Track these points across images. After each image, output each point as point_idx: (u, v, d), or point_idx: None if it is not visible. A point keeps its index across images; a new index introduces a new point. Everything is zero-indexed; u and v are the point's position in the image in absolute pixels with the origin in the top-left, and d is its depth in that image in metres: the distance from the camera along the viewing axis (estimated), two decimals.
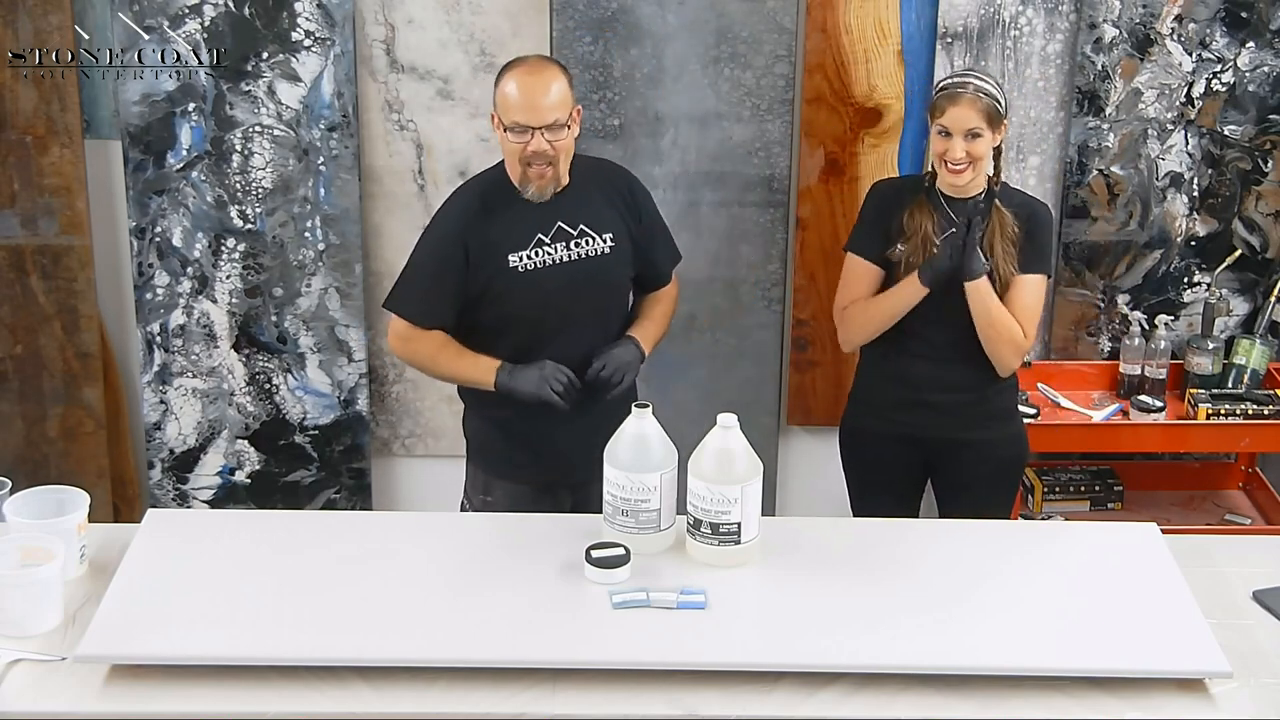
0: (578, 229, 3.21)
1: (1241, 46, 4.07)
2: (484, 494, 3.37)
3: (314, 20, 3.99)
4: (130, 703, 2.44)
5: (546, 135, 3.07)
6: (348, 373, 4.25)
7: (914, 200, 3.38)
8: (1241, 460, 4.44)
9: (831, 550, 2.87)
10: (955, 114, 3.26)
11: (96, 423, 4.24)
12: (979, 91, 3.27)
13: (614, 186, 3.29)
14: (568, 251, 3.20)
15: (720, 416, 2.77)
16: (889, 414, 3.46)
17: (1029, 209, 3.41)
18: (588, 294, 3.23)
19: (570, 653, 2.53)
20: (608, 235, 3.24)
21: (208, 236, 4.13)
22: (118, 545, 2.83)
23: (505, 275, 3.18)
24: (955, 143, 3.27)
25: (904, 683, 2.51)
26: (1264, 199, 4.21)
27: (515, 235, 3.18)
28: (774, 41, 4.06)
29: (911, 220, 3.36)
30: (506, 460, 3.33)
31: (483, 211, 3.19)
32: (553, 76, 3.09)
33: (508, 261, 3.17)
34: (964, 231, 3.26)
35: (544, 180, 3.13)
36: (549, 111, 3.06)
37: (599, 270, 3.23)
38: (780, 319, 4.27)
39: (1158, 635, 2.61)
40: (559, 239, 3.19)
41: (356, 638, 2.54)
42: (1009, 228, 3.34)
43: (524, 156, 3.10)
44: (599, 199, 3.25)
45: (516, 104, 3.07)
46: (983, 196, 3.35)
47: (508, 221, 3.18)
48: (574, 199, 3.21)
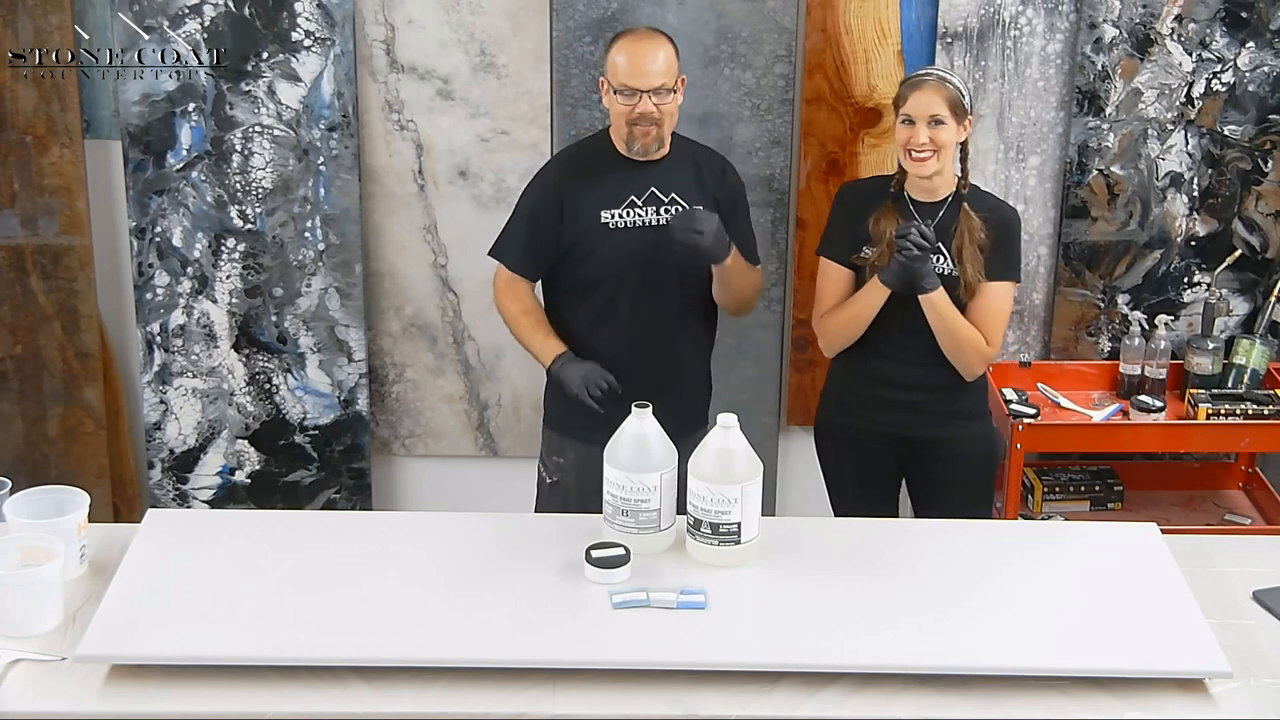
0: (669, 196, 3.36)
1: (1241, 46, 4.08)
2: (557, 455, 3.51)
3: (314, 20, 3.99)
4: (130, 703, 2.44)
5: (653, 99, 3.25)
6: (348, 373, 4.25)
7: (881, 204, 3.39)
8: (1241, 460, 4.44)
9: (831, 550, 2.87)
10: (918, 100, 3.28)
11: (96, 423, 4.24)
12: (942, 80, 3.30)
13: (709, 167, 3.45)
14: (657, 215, 3.35)
15: (720, 416, 2.77)
16: (859, 412, 3.47)
17: (998, 214, 3.41)
18: (676, 258, 3.32)
19: (570, 653, 2.53)
20: (699, 206, 3.34)
21: (208, 236, 4.13)
22: (118, 545, 2.83)
23: (596, 230, 3.33)
24: (919, 129, 3.28)
25: (904, 683, 2.51)
26: (1264, 199, 4.21)
27: (609, 193, 3.34)
28: (774, 41, 4.06)
29: (878, 225, 3.37)
30: (578, 422, 3.41)
31: (582, 168, 3.37)
32: (661, 45, 3.28)
33: (599, 217, 3.33)
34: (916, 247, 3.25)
35: (649, 138, 3.30)
36: (656, 76, 3.25)
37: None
38: (780, 319, 4.27)
39: (1158, 635, 2.61)
40: (651, 203, 3.35)
41: (356, 638, 2.54)
42: (977, 232, 3.34)
43: (631, 117, 3.27)
44: (693, 173, 3.40)
45: (626, 69, 3.25)
46: (950, 199, 3.36)
47: (604, 180, 3.34)
48: (670, 167, 3.37)
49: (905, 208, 3.38)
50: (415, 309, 4.25)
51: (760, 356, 4.29)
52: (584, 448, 3.41)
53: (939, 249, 3.32)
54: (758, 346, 4.28)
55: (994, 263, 3.37)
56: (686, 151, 3.43)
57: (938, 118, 3.27)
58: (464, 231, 4.16)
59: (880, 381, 3.42)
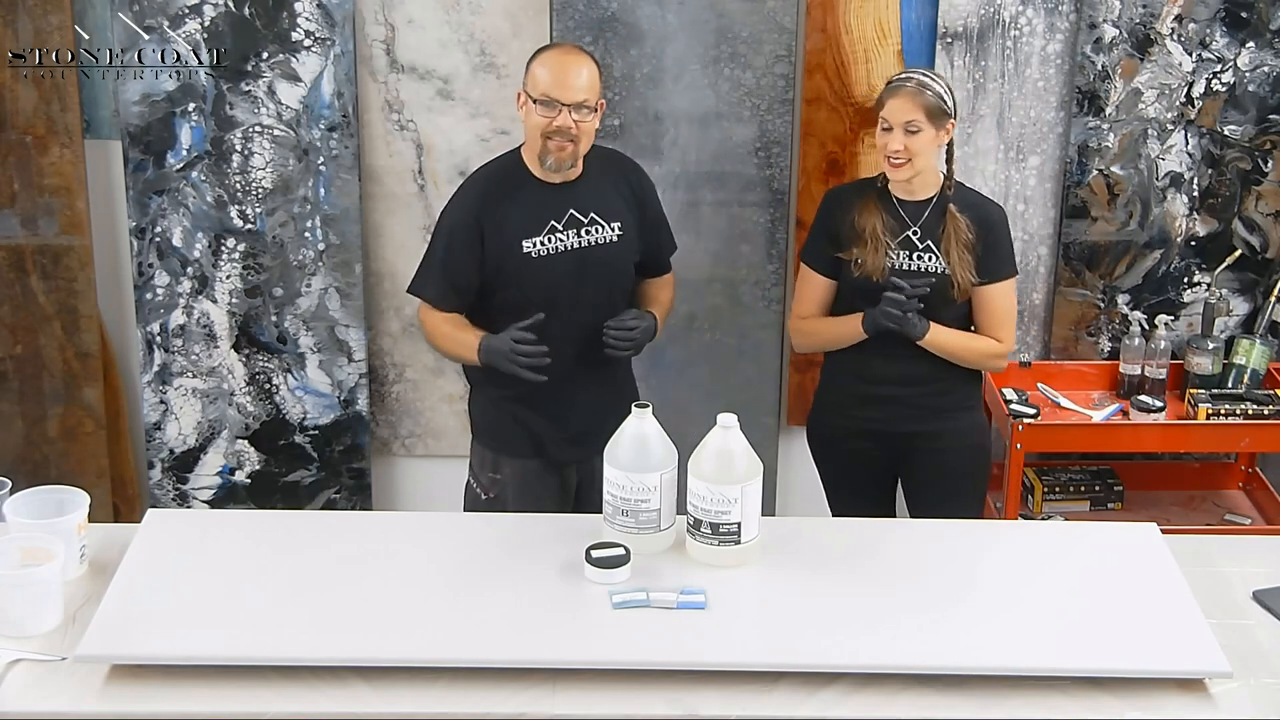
0: (588, 216, 3.30)
1: (1241, 46, 4.07)
2: (492, 471, 3.42)
3: (314, 20, 3.99)
4: (130, 703, 2.44)
5: (573, 114, 3.18)
6: (348, 373, 4.25)
7: (864, 201, 3.39)
8: (1241, 460, 4.44)
9: (831, 550, 2.87)
10: (894, 106, 3.28)
11: (96, 423, 4.24)
12: (922, 86, 3.28)
13: (623, 176, 3.39)
14: (578, 238, 3.29)
15: (720, 416, 2.77)
16: (851, 410, 3.48)
17: (982, 213, 3.40)
18: (596, 279, 3.31)
19: (570, 653, 2.53)
20: (616, 224, 3.32)
21: (208, 236, 4.13)
22: (118, 545, 2.83)
23: (517, 260, 3.26)
24: (894, 135, 3.28)
25: (904, 683, 2.51)
26: (1264, 199, 4.21)
27: (529, 221, 3.26)
28: (774, 41, 4.06)
29: (861, 219, 3.37)
30: (513, 437, 3.38)
31: (497, 196, 3.28)
32: (585, 62, 3.23)
33: (521, 247, 3.26)
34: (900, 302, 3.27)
35: (563, 154, 3.22)
36: (579, 91, 3.18)
37: (608, 257, 3.32)
38: (780, 319, 4.27)
39: (1158, 635, 2.61)
40: (571, 225, 3.29)
41: (356, 638, 2.54)
42: (963, 233, 3.34)
43: (547, 130, 3.20)
44: (609, 188, 3.34)
45: (548, 80, 3.19)
46: (935, 199, 3.36)
47: (522, 207, 3.27)
48: (586, 187, 3.30)
49: (890, 204, 3.38)
50: (415, 309, 4.24)
51: (760, 356, 4.29)
52: (518, 462, 3.37)
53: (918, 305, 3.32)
54: (758, 346, 4.28)
55: (988, 264, 3.37)
56: (598, 165, 3.34)
57: (912, 125, 3.26)
58: None
59: (869, 379, 3.43)
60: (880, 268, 3.34)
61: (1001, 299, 3.40)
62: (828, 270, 3.44)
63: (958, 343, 3.39)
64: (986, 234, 3.37)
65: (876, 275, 3.34)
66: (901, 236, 3.35)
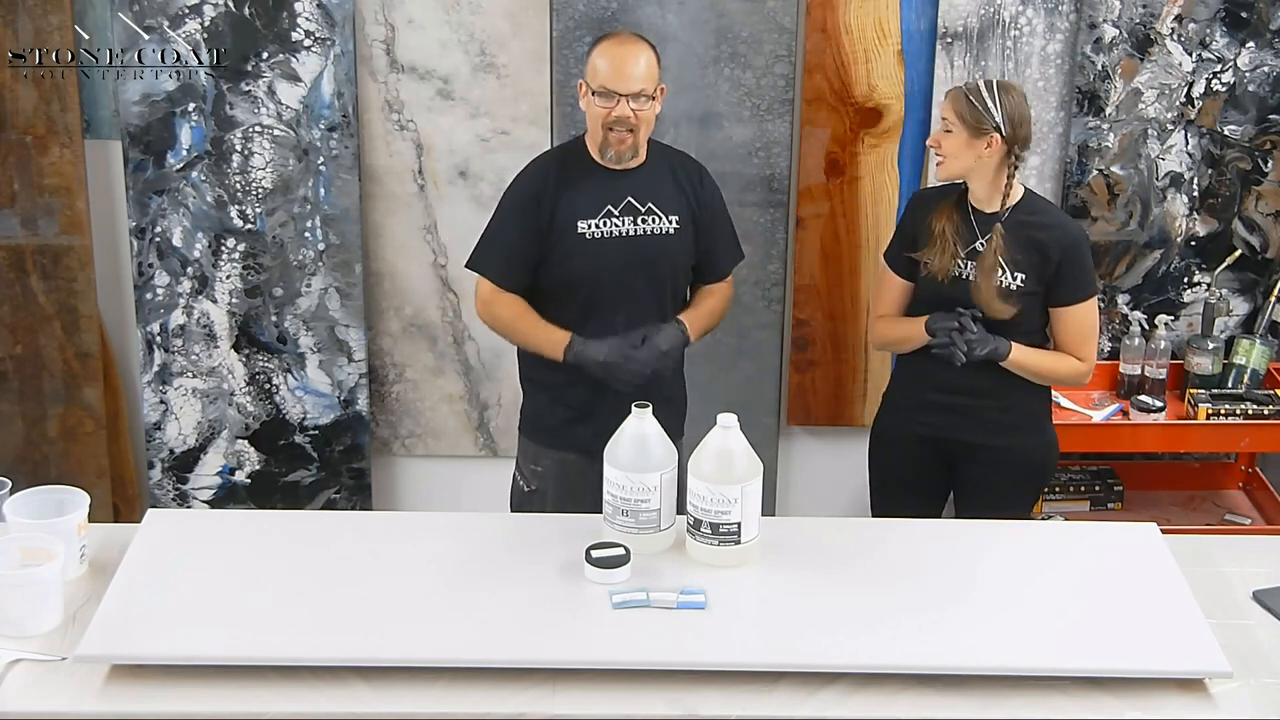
0: (646, 206, 3.32)
1: (1241, 46, 4.08)
2: (533, 464, 3.47)
3: (314, 20, 3.99)
4: (130, 703, 2.44)
5: (631, 104, 3.20)
6: (348, 373, 4.25)
7: (943, 205, 3.39)
8: (1241, 460, 4.44)
9: (831, 550, 2.87)
10: (943, 105, 3.34)
11: (96, 423, 4.24)
12: (966, 91, 3.29)
13: (686, 174, 3.41)
14: (634, 226, 3.31)
15: (720, 416, 2.77)
16: (914, 415, 3.47)
17: (1054, 233, 3.33)
18: (648, 270, 3.33)
19: (570, 653, 2.53)
20: (674, 217, 3.34)
21: (208, 236, 4.13)
22: (118, 545, 2.83)
23: (571, 240, 3.29)
24: (937, 129, 3.36)
25: (904, 683, 2.51)
26: (1264, 199, 4.21)
27: (586, 203, 3.29)
28: (774, 41, 4.06)
29: (935, 223, 3.37)
30: (552, 431, 3.42)
31: (559, 176, 3.31)
32: (643, 50, 3.23)
33: (576, 227, 3.29)
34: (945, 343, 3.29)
35: (624, 146, 3.25)
36: (636, 81, 3.19)
37: (661, 249, 3.34)
38: (780, 319, 4.27)
39: (1158, 635, 2.61)
40: (627, 213, 3.31)
41: (356, 638, 2.54)
42: (1005, 250, 3.30)
43: (607, 121, 3.23)
44: (670, 182, 3.36)
45: (606, 71, 3.20)
46: (1006, 214, 3.34)
47: (581, 189, 3.30)
48: (647, 177, 3.32)
49: (965, 212, 3.38)
50: (415, 309, 4.25)
51: (760, 356, 4.29)
52: (559, 454, 3.41)
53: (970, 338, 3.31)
54: (758, 346, 4.28)
55: (1064, 286, 3.34)
56: (664, 160, 3.38)
57: (946, 124, 3.31)
58: (464, 231, 4.15)
59: (936, 386, 3.41)
60: (945, 271, 3.34)
61: (1084, 318, 3.37)
62: (904, 271, 3.45)
63: (1041, 363, 3.38)
64: (1069, 256, 3.32)
65: (942, 277, 3.34)
66: (970, 246, 3.34)
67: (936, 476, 3.53)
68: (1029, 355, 3.36)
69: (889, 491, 3.57)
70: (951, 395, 3.41)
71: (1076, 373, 3.41)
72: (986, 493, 3.48)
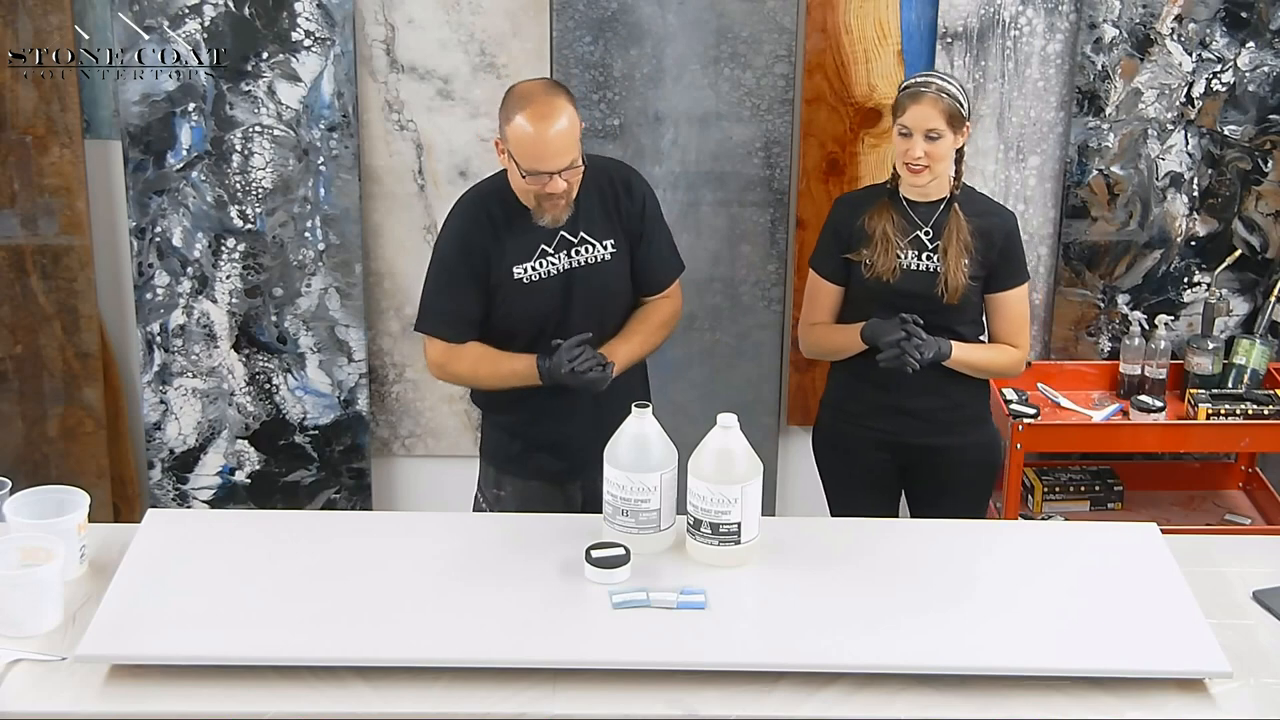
0: (579, 236, 3.21)
1: (1241, 46, 4.08)
2: (495, 488, 3.39)
3: (314, 20, 3.99)
4: (130, 703, 2.44)
5: (562, 175, 3.06)
6: (348, 373, 4.25)
7: (874, 205, 3.38)
8: (1241, 460, 4.44)
9: (831, 550, 2.87)
10: (916, 113, 3.25)
11: (96, 423, 4.24)
12: (941, 92, 3.25)
13: (612, 190, 3.25)
14: (569, 259, 3.20)
15: (720, 416, 2.77)
16: (862, 420, 3.46)
17: (996, 220, 3.37)
18: (588, 301, 3.23)
19: (570, 653, 2.53)
20: (608, 242, 3.23)
21: (208, 236, 4.13)
22: (118, 545, 2.83)
23: (509, 286, 3.19)
24: (915, 142, 3.26)
25: (904, 683, 2.51)
26: (1264, 199, 4.21)
27: (519, 249, 3.18)
28: (774, 41, 4.06)
29: (871, 222, 3.36)
30: (512, 458, 3.35)
31: (489, 223, 3.18)
32: (562, 112, 3.03)
33: (513, 274, 3.18)
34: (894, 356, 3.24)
35: (559, 209, 3.13)
36: (564, 155, 3.04)
37: (599, 277, 3.23)
38: (780, 319, 4.27)
39: (1158, 635, 2.61)
40: (561, 248, 3.20)
41: (356, 638, 2.54)
42: (965, 235, 3.31)
43: (540, 195, 3.09)
44: (598, 206, 3.23)
45: (532, 151, 3.03)
46: (945, 201, 3.35)
47: (512, 233, 3.18)
48: (575, 207, 3.19)
49: (900, 206, 3.37)
50: (415, 309, 4.23)
51: (760, 356, 4.29)
52: (523, 481, 3.34)
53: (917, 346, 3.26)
54: (758, 346, 4.28)
55: (1003, 272, 3.36)
56: (589, 181, 3.17)
57: (934, 132, 3.24)
58: None
59: (882, 388, 3.40)
60: (891, 268, 3.33)
61: (1017, 305, 3.39)
62: (836, 276, 3.42)
63: (982, 357, 3.38)
64: (1002, 244, 3.35)
65: (887, 275, 3.34)
66: (911, 236, 3.34)
67: (890, 476, 3.53)
68: (970, 351, 3.36)
69: (846, 495, 3.55)
70: (899, 398, 3.39)
71: (1014, 361, 3.41)
72: (940, 494, 3.48)
